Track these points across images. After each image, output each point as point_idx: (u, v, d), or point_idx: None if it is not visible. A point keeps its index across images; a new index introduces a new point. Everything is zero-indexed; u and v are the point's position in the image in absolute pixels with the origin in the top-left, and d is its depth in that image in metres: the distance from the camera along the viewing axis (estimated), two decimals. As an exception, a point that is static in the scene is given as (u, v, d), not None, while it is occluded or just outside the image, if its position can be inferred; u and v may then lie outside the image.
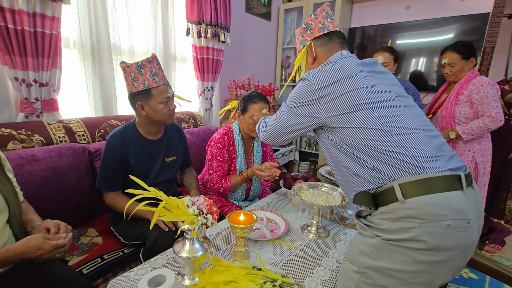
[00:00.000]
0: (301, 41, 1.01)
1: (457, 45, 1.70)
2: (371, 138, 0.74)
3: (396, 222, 0.67)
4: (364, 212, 0.79)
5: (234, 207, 1.52)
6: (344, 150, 0.80)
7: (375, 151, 0.73)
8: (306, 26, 0.99)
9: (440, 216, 0.63)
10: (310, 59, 1.00)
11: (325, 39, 0.95)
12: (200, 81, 2.40)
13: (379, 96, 0.78)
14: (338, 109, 0.79)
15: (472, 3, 2.49)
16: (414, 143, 0.72)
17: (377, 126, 0.74)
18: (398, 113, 0.77)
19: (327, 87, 0.80)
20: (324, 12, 0.98)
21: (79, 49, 1.66)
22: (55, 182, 1.32)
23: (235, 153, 1.54)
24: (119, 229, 1.30)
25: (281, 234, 1.07)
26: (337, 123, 0.80)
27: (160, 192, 0.77)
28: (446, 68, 1.75)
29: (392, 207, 0.69)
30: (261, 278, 0.79)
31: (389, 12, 2.93)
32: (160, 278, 0.69)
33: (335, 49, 0.94)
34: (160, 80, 1.18)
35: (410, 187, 0.67)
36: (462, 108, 1.69)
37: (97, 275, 1.11)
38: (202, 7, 2.19)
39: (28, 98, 1.44)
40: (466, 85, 1.68)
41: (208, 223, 0.81)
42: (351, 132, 0.77)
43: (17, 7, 1.30)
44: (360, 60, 0.88)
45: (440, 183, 0.66)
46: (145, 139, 1.30)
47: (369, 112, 0.76)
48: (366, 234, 0.73)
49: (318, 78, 0.82)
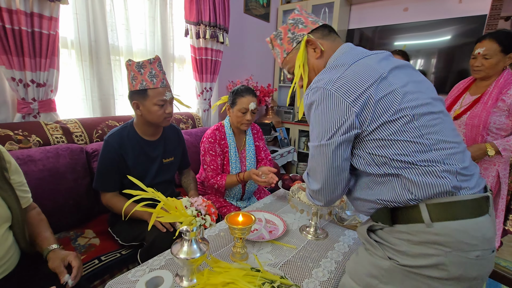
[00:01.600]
0: (291, 38, 0.85)
1: (499, 34, 1.40)
2: (406, 153, 0.63)
3: (417, 246, 0.61)
4: (376, 227, 0.72)
5: (233, 208, 1.51)
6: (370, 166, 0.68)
7: (409, 168, 0.63)
8: (295, 21, 0.85)
9: (470, 246, 0.57)
10: (314, 54, 0.83)
11: (324, 31, 0.83)
12: (199, 82, 2.39)
13: (415, 99, 0.66)
14: (377, 118, 0.65)
15: (470, 5, 2.51)
16: (453, 160, 0.63)
17: (415, 138, 0.63)
18: (436, 122, 0.66)
19: (360, 96, 0.64)
20: (305, 12, 0.88)
21: (77, 49, 1.66)
22: (52, 183, 1.31)
23: (227, 147, 1.56)
24: (117, 230, 1.29)
25: (280, 235, 1.06)
26: (372, 135, 0.66)
27: (158, 193, 0.77)
28: (478, 59, 1.44)
29: (414, 228, 0.62)
30: (259, 279, 0.79)
31: (387, 14, 2.95)
32: (157, 279, 0.69)
33: (337, 40, 0.83)
34: (159, 82, 1.18)
35: (439, 210, 0.59)
36: (498, 117, 1.39)
37: (94, 276, 1.11)
38: (200, 8, 2.19)
39: (25, 99, 1.43)
40: (506, 89, 1.38)
41: (206, 224, 0.81)
42: (385, 145, 0.65)
43: (14, 7, 1.29)
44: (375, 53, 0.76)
45: (471, 207, 0.60)
46: (143, 139, 1.29)
47: (408, 121, 0.63)
48: (377, 253, 0.67)
49: (344, 88, 0.65)
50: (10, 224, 0.86)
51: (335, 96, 0.66)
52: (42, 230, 0.94)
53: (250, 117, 1.50)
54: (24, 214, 0.90)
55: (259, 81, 3.20)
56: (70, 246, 1.25)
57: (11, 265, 0.84)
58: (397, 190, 0.64)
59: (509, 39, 1.37)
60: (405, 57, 2.02)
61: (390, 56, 0.77)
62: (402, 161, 0.63)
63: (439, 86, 1.79)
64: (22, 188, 0.93)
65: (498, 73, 1.42)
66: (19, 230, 0.87)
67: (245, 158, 1.62)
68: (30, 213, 0.97)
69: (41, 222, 0.97)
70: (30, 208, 0.98)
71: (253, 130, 1.70)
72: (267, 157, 1.70)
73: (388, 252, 0.65)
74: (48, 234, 0.93)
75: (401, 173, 0.63)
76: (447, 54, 2.61)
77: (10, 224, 0.86)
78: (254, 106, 1.49)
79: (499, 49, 1.38)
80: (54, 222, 1.05)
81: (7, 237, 0.84)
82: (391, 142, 0.64)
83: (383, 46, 2.96)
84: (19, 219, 0.87)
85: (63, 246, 1.24)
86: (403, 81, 0.68)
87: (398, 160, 0.63)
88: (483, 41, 1.42)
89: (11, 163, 0.89)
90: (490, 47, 1.39)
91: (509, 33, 1.39)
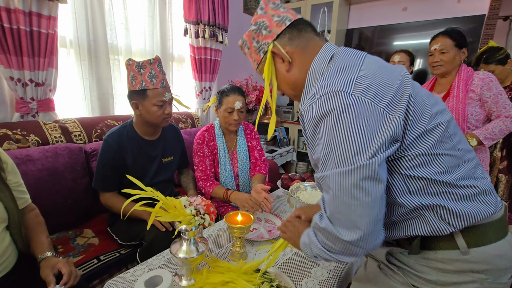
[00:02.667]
0: (257, 48, 0.69)
1: (450, 31, 1.47)
2: (445, 169, 0.53)
3: (450, 275, 0.54)
4: (395, 251, 0.62)
5: (231, 208, 1.51)
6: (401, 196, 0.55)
7: (447, 193, 0.53)
8: (258, 27, 0.68)
9: (505, 271, 0.53)
10: (282, 67, 0.67)
11: (292, 33, 0.65)
12: (198, 81, 2.39)
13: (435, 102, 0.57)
14: (414, 127, 0.53)
15: (468, 5, 2.52)
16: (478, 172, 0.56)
17: (450, 150, 0.54)
18: (456, 128, 0.57)
19: (393, 99, 0.52)
20: (271, 3, 0.69)
21: (75, 48, 1.65)
22: (51, 183, 1.30)
23: (216, 149, 1.52)
24: (116, 229, 1.29)
25: (279, 234, 1.06)
26: (408, 150, 0.53)
27: (157, 192, 0.77)
28: (435, 56, 1.48)
29: (446, 255, 0.54)
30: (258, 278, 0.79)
31: (387, 14, 2.95)
32: (156, 279, 0.69)
33: (313, 41, 0.66)
34: (158, 82, 1.18)
35: (475, 234, 0.53)
36: (473, 108, 1.42)
37: (93, 276, 1.10)
38: (200, 7, 2.19)
39: (23, 98, 1.43)
40: (470, 80, 1.42)
41: (205, 223, 0.81)
42: (424, 162, 0.53)
43: (13, 6, 1.28)
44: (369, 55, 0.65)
45: (500, 226, 0.54)
46: (142, 139, 1.29)
47: (445, 129, 0.54)
48: (397, 279, 0.59)
49: (373, 91, 0.51)
50: (7, 225, 0.85)
51: (363, 100, 0.50)
52: (38, 234, 0.91)
53: (237, 116, 1.43)
54: (21, 215, 0.89)
55: (258, 80, 3.20)
56: (69, 246, 1.24)
57: (8, 265, 0.84)
58: (433, 224, 0.54)
59: (460, 35, 1.45)
60: (410, 54, 2.04)
61: None
62: (441, 182, 0.53)
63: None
64: (19, 188, 0.92)
65: (456, 68, 1.48)
66: (16, 230, 0.87)
67: (236, 160, 1.58)
68: (28, 214, 0.96)
69: (38, 225, 0.94)
70: (28, 209, 0.97)
71: (245, 130, 1.64)
72: (261, 157, 1.63)
73: (412, 279, 0.58)
74: (43, 239, 0.91)
75: (438, 202, 0.53)
76: (446, 53, 2.61)
77: (7, 225, 0.85)
78: (241, 105, 1.41)
79: (453, 43, 1.44)
80: (53, 221, 1.05)
81: (4, 237, 0.83)
82: (432, 157, 0.53)
83: (382, 45, 2.96)
84: (16, 220, 0.86)
85: (62, 246, 1.24)
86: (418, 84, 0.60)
87: (437, 181, 0.53)
88: (437, 38, 1.49)
89: (7, 163, 0.88)
90: (444, 42, 1.45)
91: (459, 30, 1.47)
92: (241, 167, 1.58)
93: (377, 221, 0.50)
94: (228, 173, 1.53)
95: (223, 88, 1.49)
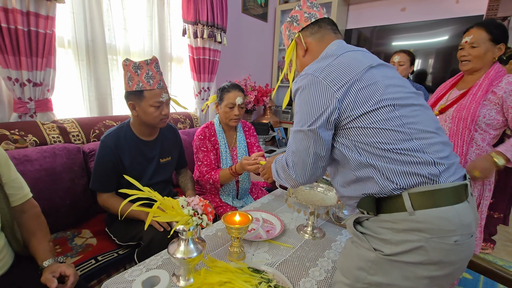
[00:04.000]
0: (288, 36, 0.93)
1: (488, 22, 1.28)
2: (389, 141, 0.65)
3: (400, 234, 0.63)
4: (362, 218, 0.73)
5: (229, 208, 1.51)
6: (353, 155, 0.70)
7: (389, 157, 0.65)
8: (292, 19, 0.91)
9: (449, 232, 0.60)
10: (301, 52, 0.90)
11: (314, 28, 0.87)
12: (197, 81, 2.39)
13: (397, 91, 0.70)
14: (359, 107, 0.68)
15: (467, 5, 2.52)
16: (433, 149, 0.65)
17: (397, 127, 0.66)
18: (417, 113, 0.69)
19: (344, 85, 0.68)
20: (309, 2, 0.90)
21: (74, 48, 1.65)
22: (49, 183, 1.30)
23: (217, 144, 1.57)
24: (114, 230, 1.29)
25: (277, 235, 1.07)
26: (354, 123, 0.69)
27: (154, 192, 0.77)
28: (465, 49, 1.32)
29: (397, 217, 0.64)
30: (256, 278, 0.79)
31: (385, 14, 2.96)
32: (154, 279, 0.69)
33: (328, 36, 0.86)
34: (155, 83, 1.17)
35: (421, 198, 0.62)
36: (488, 111, 1.26)
37: (91, 276, 1.10)
38: (198, 7, 2.19)
39: (21, 98, 1.42)
40: (497, 82, 1.25)
41: (203, 223, 0.81)
42: (368, 134, 0.67)
43: (10, 5, 1.28)
44: (364, 50, 0.82)
45: (451, 195, 0.62)
46: (140, 139, 1.29)
47: (391, 110, 0.67)
48: (363, 245, 0.68)
49: (331, 77, 0.69)
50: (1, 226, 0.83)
51: (321, 83, 0.69)
52: (40, 239, 0.89)
53: (238, 112, 1.52)
54: (13, 214, 0.86)
55: (257, 81, 3.20)
56: (67, 246, 1.24)
57: (3, 267, 0.83)
58: (381, 183, 0.66)
59: (498, 28, 1.26)
60: (410, 54, 2.03)
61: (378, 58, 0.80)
62: (384, 149, 0.65)
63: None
64: (13, 184, 0.88)
65: (488, 65, 1.30)
66: (9, 230, 0.84)
67: (236, 156, 1.63)
68: (28, 213, 0.93)
69: (39, 228, 0.91)
70: (27, 207, 0.93)
71: (244, 128, 1.70)
72: None
73: (373, 243, 0.67)
74: (45, 244, 0.88)
75: (382, 164, 0.66)
76: (445, 54, 2.62)
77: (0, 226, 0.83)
78: (241, 100, 1.51)
79: (487, 37, 1.26)
80: (51, 222, 1.04)
81: (0, 238, 0.82)
82: (374, 130, 0.66)
83: (381, 46, 2.97)
84: (8, 219, 0.83)
85: (60, 246, 1.23)
86: (387, 75, 0.72)
87: (380, 148, 0.66)
88: (471, 30, 1.31)
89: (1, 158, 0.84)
90: (478, 35, 1.28)
91: (499, 23, 1.29)
92: None
93: (307, 168, 0.75)
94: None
95: (224, 85, 1.54)
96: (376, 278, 0.65)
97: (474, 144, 1.30)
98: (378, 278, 0.65)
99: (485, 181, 1.32)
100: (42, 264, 0.84)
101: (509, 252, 2.18)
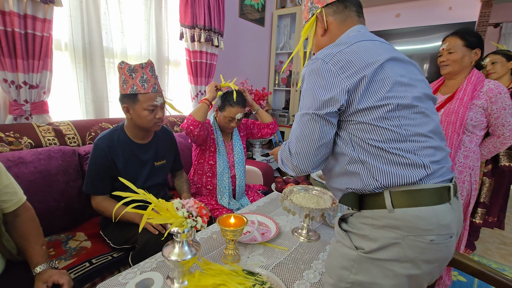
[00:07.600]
0: (309, 8, 0.84)
1: (461, 31, 1.40)
2: (383, 139, 0.65)
3: (378, 230, 0.65)
4: (347, 214, 0.75)
5: (225, 211, 1.51)
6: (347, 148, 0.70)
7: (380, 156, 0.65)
8: None
9: (425, 231, 0.61)
10: (320, 30, 0.82)
11: (339, 7, 0.79)
12: (194, 85, 2.40)
13: (403, 90, 0.68)
14: (364, 101, 0.66)
15: (460, 12, 2.57)
16: (425, 152, 0.65)
17: (394, 127, 0.65)
18: (416, 116, 0.68)
19: (354, 74, 0.66)
20: None
21: (70, 51, 1.65)
22: (44, 185, 1.29)
23: (213, 134, 1.62)
24: (108, 233, 1.28)
25: (272, 237, 1.07)
26: (355, 116, 0.67)
27: (149, 195, 0.77)
28: (443, 55, 1.44)
29: (377, 213, 0.65)
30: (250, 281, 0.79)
31: (379, 20, 3.00)
32: (148, 281, 0.69)
33: (351, 19, 0.79)
34: (150, 87, 1.18)
35: (401, 197, 0.63)
36: (475, 114, 1.35)
37: (85, 279, 1.09)
38: (195, 11, 2.20)
39: (17, 100, 1.42)
40: (480, 87, 1.36)
41: (197, 225, 0.81)
42: (365, 129, 0.66)
43: (7, 8, 1.29)
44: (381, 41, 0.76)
45: (431, 196, 0.63)
46: (133, 142, 1.29)
47: (391, 109, 0.65)
48: (346, 244, 0.69)
49: (340, 64, 0.67)
50: None
51: (331, 69, 0.67)
52: (32, 243, 0.87)
53: (235, 124, 1.60)
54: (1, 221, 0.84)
55: (254, 84, 3.22)
56: (61, 249, 1.23)
57: None
58: (365, 180, 0.67)
59: (472, 35, 1.38)
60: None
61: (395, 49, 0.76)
62: (377, 147, 0.65)
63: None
64: (5, 191, 0.86)
65: (467, 69, 1.41)
66: None
67: (232, 150, 1.69)
68: (22, 217, 0.91)
69: (33, 231, 0.90)
70: (22, 210, 0.92)
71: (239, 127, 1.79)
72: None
73: (355, 240, 0.68)
74: (38, 249, 0.87)
75: (370, 160, 0.66)
76: (438, 59, 2.66)
77: None
78: (241, 116, 1.58)
79: (462, 43, 1.38)
80: (45, 224, 1.04)
81: None
82: (372, 127, 0.66)
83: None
84: None
85: (54, 249, 1.22)
86: (398, 72, 0.69)
87: (373, 145, 0.65)
88: (447, 38, 1.45)
89: None
90: (453, 42, 1.40)
91: (472, 31, 1.42)
92: (237, 157, 1.67)
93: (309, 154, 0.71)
94: (224, 164, 1.60)
95: (231, 96, 1.54)
96: (358, 277, 0.66)
97: (462, 146, 1.40)
98: (360, 277, 0.66)
99: (472, 180, 1.43)
100: (35, 270, 0.83)
101: (503, 255, 2.20)
